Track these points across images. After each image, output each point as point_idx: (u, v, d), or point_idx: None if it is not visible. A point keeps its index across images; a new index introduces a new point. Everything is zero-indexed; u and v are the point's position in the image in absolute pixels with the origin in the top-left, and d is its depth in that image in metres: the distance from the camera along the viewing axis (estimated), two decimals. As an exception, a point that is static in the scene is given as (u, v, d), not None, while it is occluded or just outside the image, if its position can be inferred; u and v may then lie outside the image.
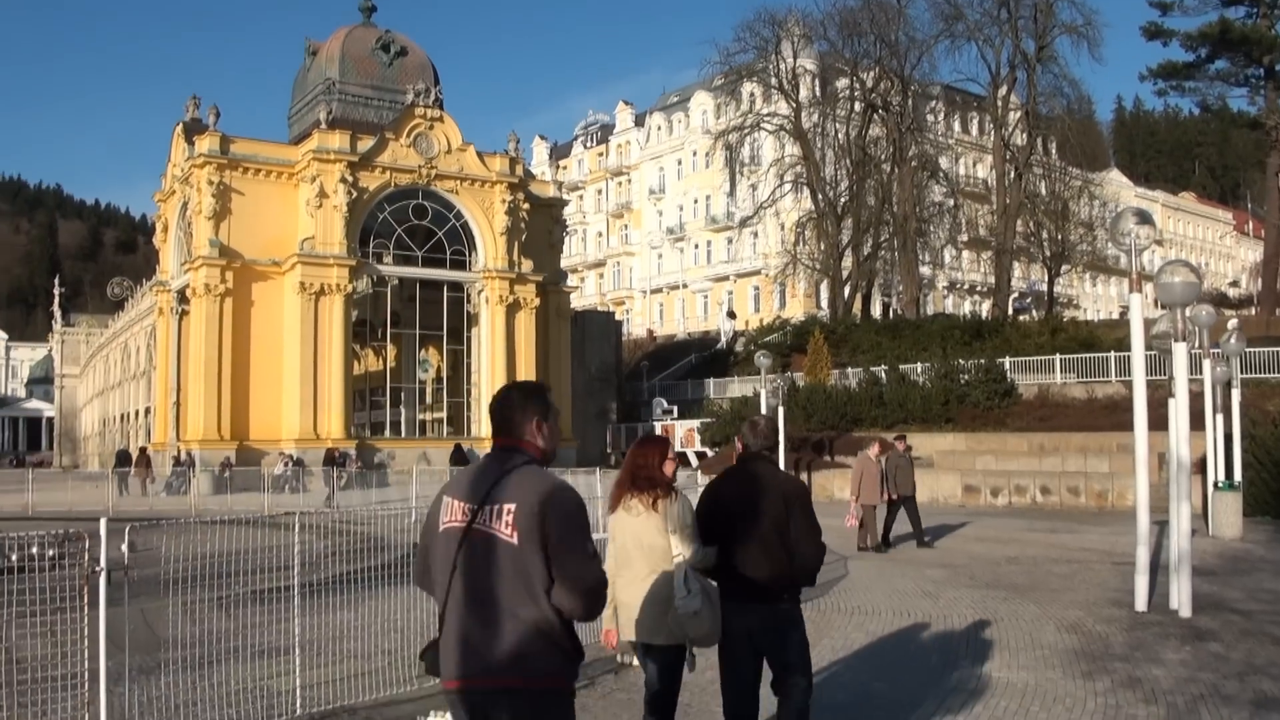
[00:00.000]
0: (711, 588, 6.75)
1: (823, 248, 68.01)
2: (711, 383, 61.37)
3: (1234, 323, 31.55)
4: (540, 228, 58.60)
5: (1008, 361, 43.21)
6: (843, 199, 66.78)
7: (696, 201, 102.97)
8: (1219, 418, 23.78)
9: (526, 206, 56.58)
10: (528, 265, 55.74)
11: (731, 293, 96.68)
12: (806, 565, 6.95)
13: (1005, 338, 50.59)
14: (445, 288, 55.11)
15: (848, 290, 67.61)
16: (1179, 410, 14.95)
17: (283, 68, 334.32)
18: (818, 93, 74.24)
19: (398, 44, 61.53)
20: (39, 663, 7.75)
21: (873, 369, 46.41)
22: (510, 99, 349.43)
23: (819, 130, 67.44)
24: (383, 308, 54.51)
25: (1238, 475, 24.19)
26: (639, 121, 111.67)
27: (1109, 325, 60.83)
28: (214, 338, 49.86)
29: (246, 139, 52.80)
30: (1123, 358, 39.00)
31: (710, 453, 46.70)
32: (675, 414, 58.01)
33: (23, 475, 43.91)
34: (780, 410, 32.26)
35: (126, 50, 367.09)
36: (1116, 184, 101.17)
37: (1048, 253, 68.94)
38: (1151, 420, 14.43)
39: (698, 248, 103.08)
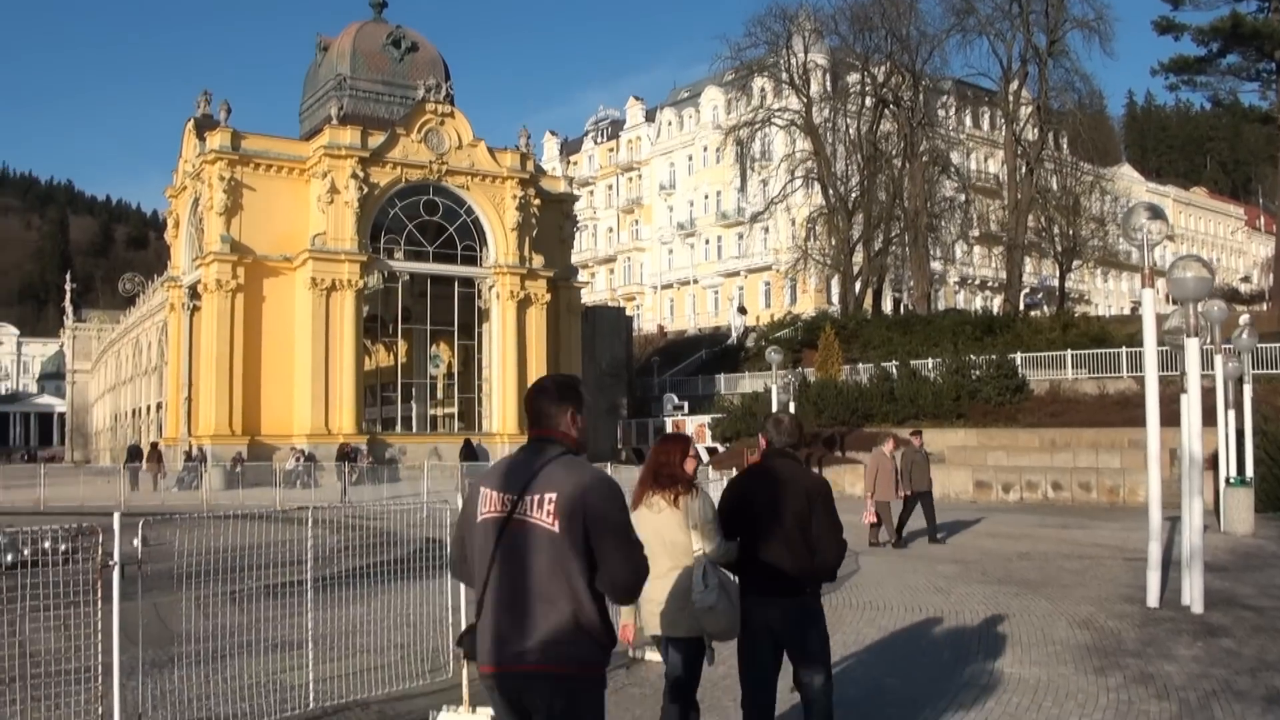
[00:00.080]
0: (730, 583, 6.80)
1: (834, 243, 67.94)
2: (722, 378, 61.31)
3: (1245, 318, 31.41)
4: (551, 223, 58.59)
5: (1019, 357, 43.12)
6: (854, 194, 66.73)
7: (707, 197, 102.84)
8: (1231, 413, 23.73)
9: (537, 202, 56.59)
10: (539, 261, 55.72)
11: (742, 288, 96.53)
12: (827, 562, 7.04)
13: (1016, 333, 50.52)
14: (456, 283, 55.11)
15: (859, 286, 67.58)
16: (1191, 406, 14.92)
17: (294, 63, 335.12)
18: (829, 87, 74.12)
19: (408, 40, 61.53)
20: (52, 656, 7.77)
21: (884, 364, 46.34)
22: (521, 94, 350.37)
23: (830, 125, 67.37)
24: (394, 303, 54.53)
25: (1249, 471, 24.11)
26: (649, 117, 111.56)
27: (1120, 321, 60.69)
28: (225, 333, 49.97)
29: (258, 135, 52.90)
30: (1134, 353, 38.98)
31: (721, 448, 46.65)
32: (686, 409, 57.97)
33: (34, 470, 44.03)
34: (791, 405, 32.24)
35: (138, 47, 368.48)
36: (1128, 179, 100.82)
37: (1059, 248, 68.84)
38: (1163, 416, 14.39)
39: (708, 243, 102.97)
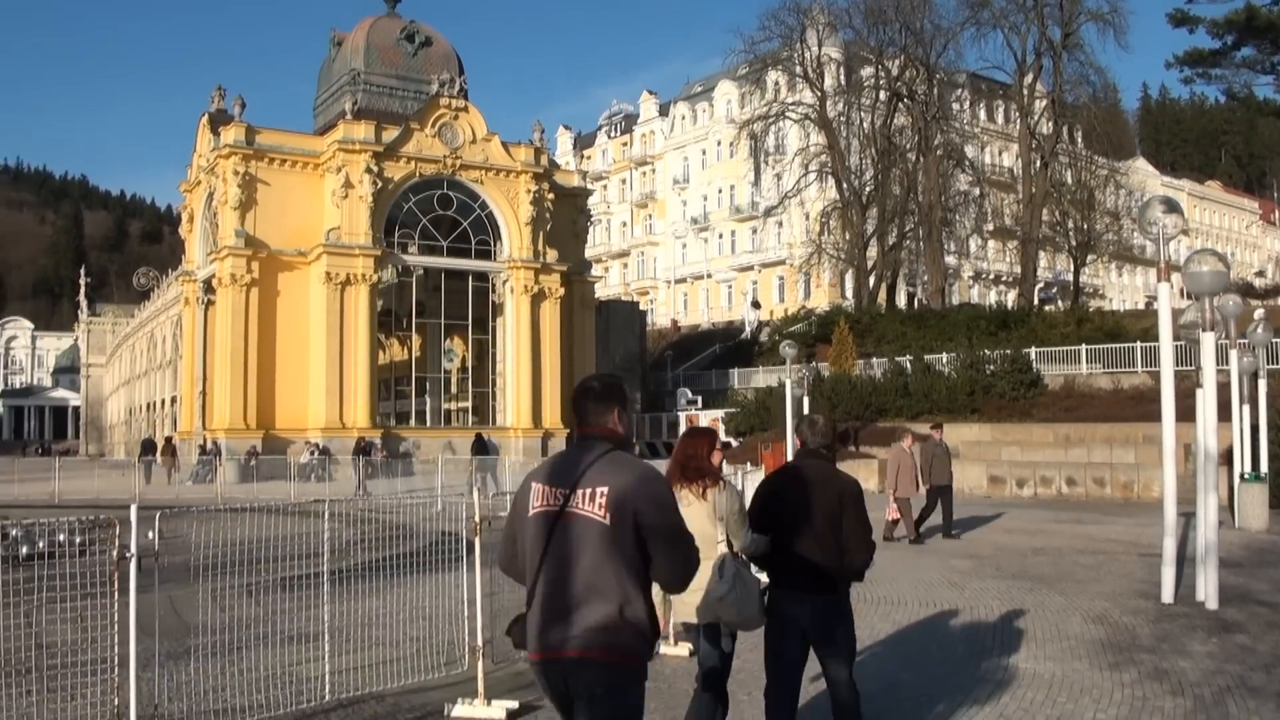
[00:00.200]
0: (748, 576, 6.88)
1: (847, 237, 67.85)
2: (736, 373, 61.33)
3: (1260, 313, 31.43)
4: (565, 218, 58.61)
5: (1033, 352, 43.07)
6: (868, 188, 66.62)
7: (721, 191, 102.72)
8: (1245, 408, 23.68)
9: (551, 196, 56.58)
10: (552, 255, 55.74)
11: (756, 283, 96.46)
12: (856, 563, 7.17)
13: (1031, 328, 50.46)
14: (470, 278, 55.16)
15: (873, 280, 67.47)
16: (1206, 401, 14.88)
17: (308, 58, 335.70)
18: (843, 81, 74.08)
19: (422, 34, 61.60)
20: (68, 648, 7.80)
21: (898, 359, 46.28)
22: (535, 89, 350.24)
23: (844, 119, 67.30)
24: (408, 298, 54.67)
25: (1264, 466, 24.06)
26: (663, 111, 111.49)
27: (1135, 315, 60.53)
28: (240, 327, 50.11)
29: (272, 129, 53.00)
30: (1149, 348, 38.89)
31: (734, 443, 46.60)
32: (699, 404, 58.00)
33: (49, 464, 44.19)
34: (805, 400, 32.19)
35: (151, 42, 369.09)
36: (1142, 173, 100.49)
37: (1073, 242, 68.56)
38: (1178, 411, 14.36)
39: (722, 237, 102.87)
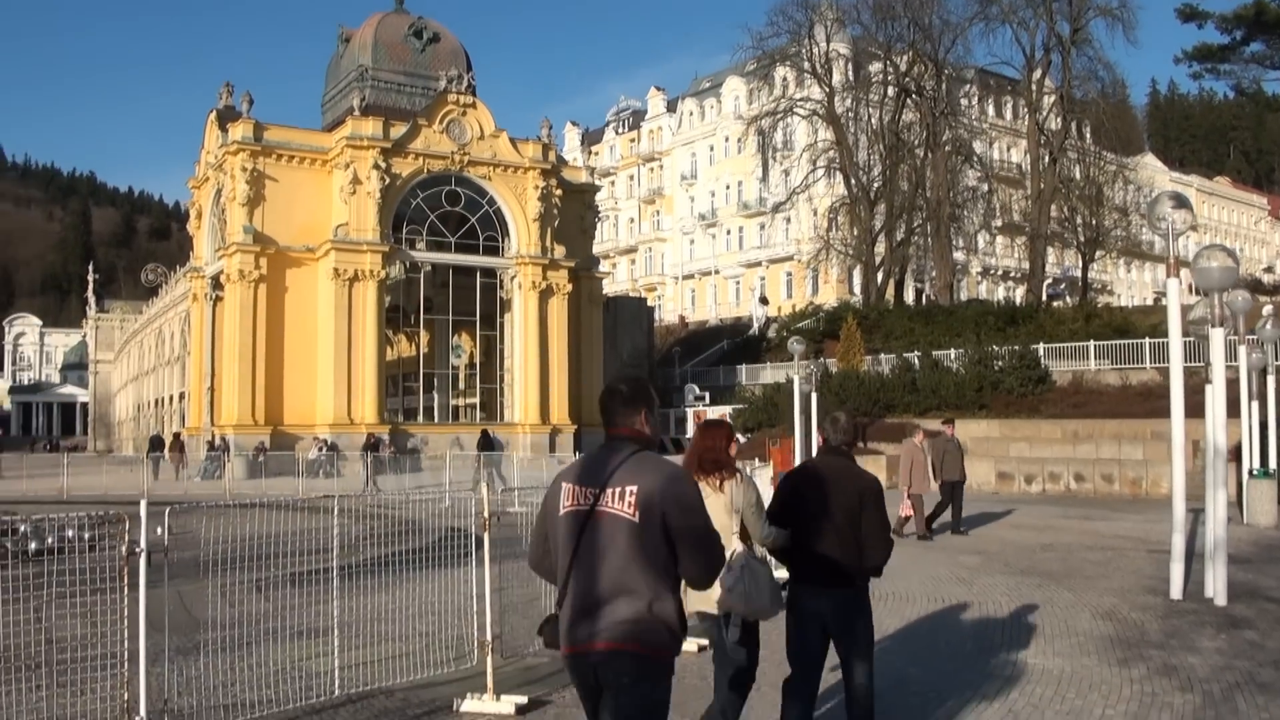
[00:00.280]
0: (758, 568, 6.91)
1: (855, 233, 67.79)
2: (744, 369, 61.30)
3: (1269, 309, 31.20)
4: (572, 213, 58.63)
5: (1041, 348, 42.96)
6: (876, 184, 66.54)
7: (729, 187, 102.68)
8: (1255, 405, 23.63)
9: (559, 192, 56.60)
10: (560, 251, 55.78)
11: (764, 278, 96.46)
12: (875, 560, 7.32)
13: (1039, 324, 50.30)
14: (478, 273, 55.21)
15: (881, 276, 67.38)
16: (1216, 397, 14.82)
17: (315, 55, 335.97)
18: (851, 77, 74.00)
19: (430, 30, 61.62)
20: (78, 643, 7.82)
21: (906, 355, 46.22)
22: (542, 85, 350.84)
23: (852, 115, 67.19)
24: (416, 294, 54.72)
25: (1273, 463, 24.00)
26: (671, 107, 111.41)
27: (1143, 311, 60.44)
28: (248, 323, 50.17)
29: (280, 126, 53.06)
30: (1157, 344, 38.82)
31: (742, 439, 46.56)
32: (707, 400, 57.98)
33: (57, 459, 44.25)
34: (813, 396, 32.17)
35: (159, 39, 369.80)
36: (1151, 169, 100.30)
37: (1082, 238, 68.49)
38: (1187, 407, 14.34)
39: (730, 233, 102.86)
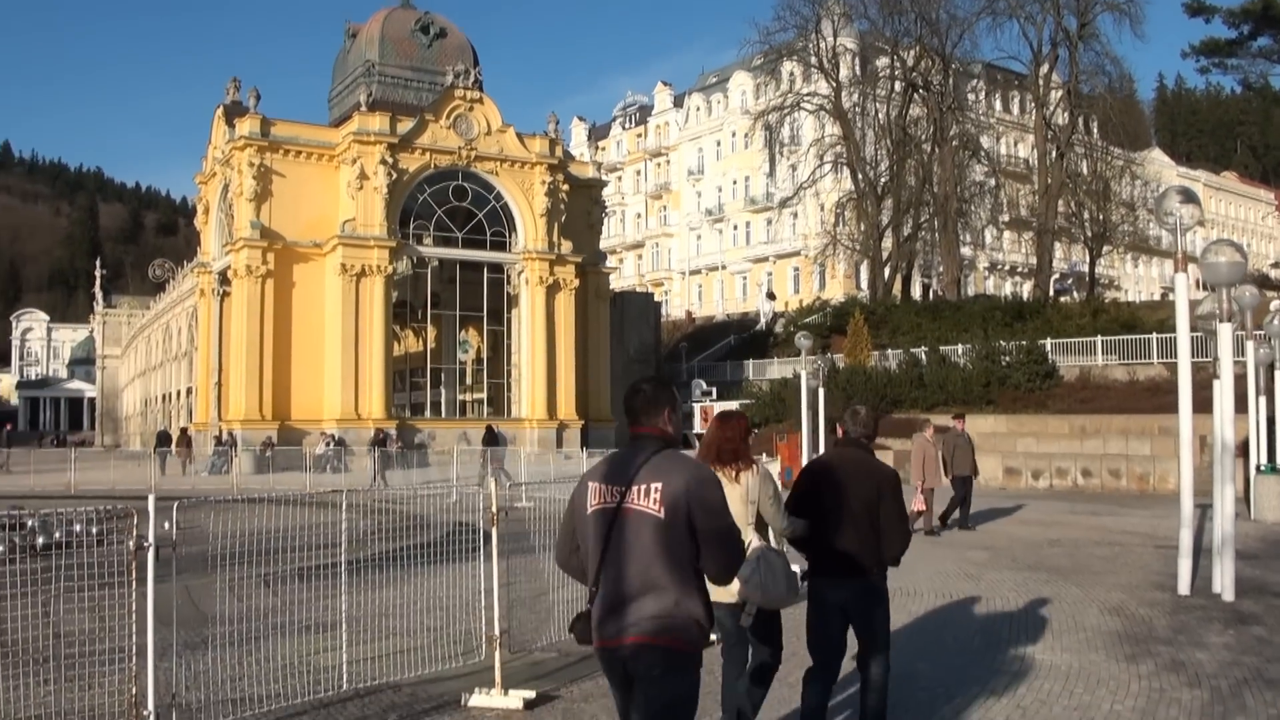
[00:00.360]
0: (773, 558, 6.93)
1: (863, 228, 67.75)
2: (751, 364, 61.26)
3: (1277, 304, 31.15)
4: (579, 209, 58.57)
5: (1049, 343, 42.97)
6: (883, 179, 66.48)
7: (735, 182, 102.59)
8: (1262, 400, 23.59)
9: (566, 188, 56.55)
10: (567, 246, 55.74)
11: (771, 274, 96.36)
12: (892, 549, 7.47)
13: (1046, 319, 50.27)
14: (485, 269, 55.18)
15: (888, 271, 67.35)
16: (1224, 392, 14.80)
17: (323, 50, 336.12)
18: (858, 72, 73.91)
19: (437, 25, 61.61)
20: (85, 637, 7.82)
21: (913, 350, 46.25)
22: (549, 80, 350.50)
23: (859, 110, 67.11)
24: (423, 289, 54.68)
25: (1281, 458, 23.98)
26: (678, 102, 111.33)
27: (1150, 307, 60.35)
28: (255, 319, 50.18)
29: (287, 121, 53.04)
30: (1165, 339, 38.79)
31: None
32: (714, 395, 57.95)
33: (65, 454, 44.31)
34: (820, 392, 32.13)
35: (166, 35, 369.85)
36: (1158, 163, 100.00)
37: (1089, 233, 68.42)
38: (1194, 402, 14.32)
39: (737, 229, 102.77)
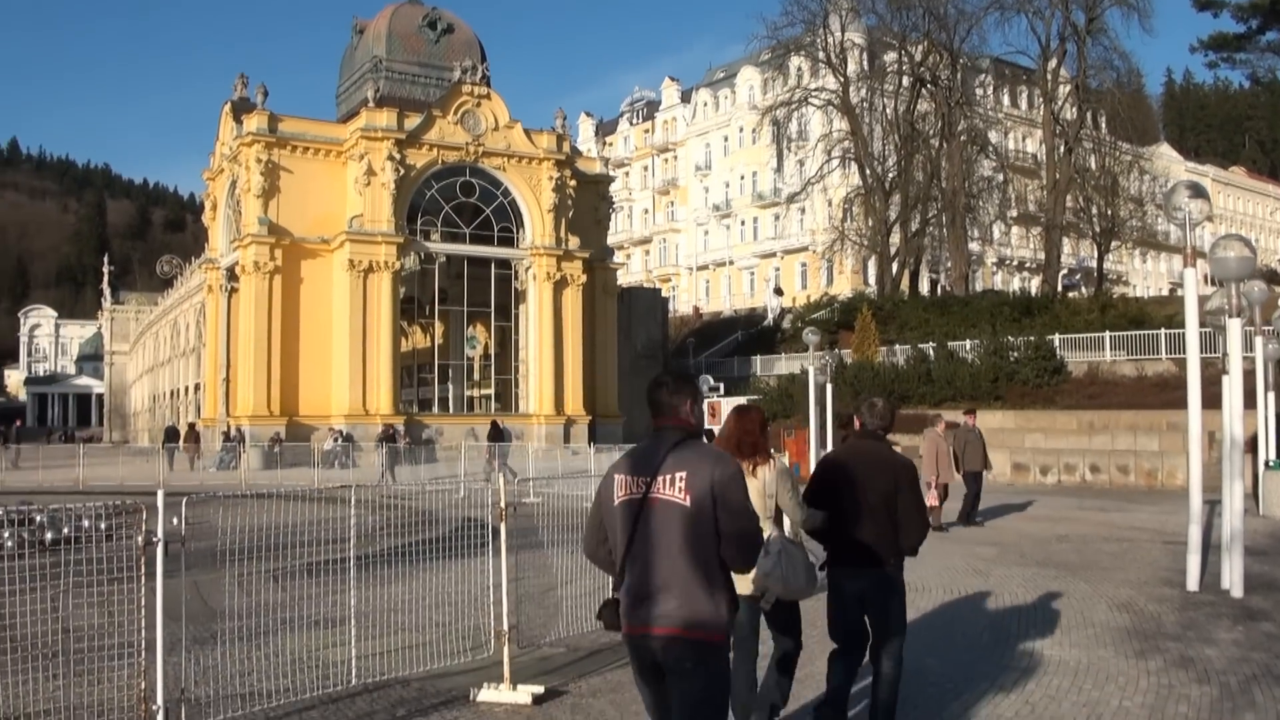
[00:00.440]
0: (794, 551, 7.10)
1: (870, 224, 67.67)
2: (758, 360, 61.17)
3: (1287, 299, 31.12)
4: (587, 204, 58.55)
5: (1057, 339, 42.92)
6: (891, 174, 66.39)
7: (743, 178, 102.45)
8: (1271, 396, 23.54)
9: (573, 183, 56.53)
10: (574, 242, 55.71)
11: (778, 269, 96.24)
12: (911, 539, 7.60)
13: (1054, 315, 50.24)
14: (493, 264, 55.16)
15: (895, 266, 67.26)
16: (1233, 387, 14.76)
17: (330, 46, 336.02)
18: (866, 67, 73.74)
19: (444, 21, 61.55)
20: (94, 632, 7.84)
21: (921, 346, 46.22)
22: (556, 76, 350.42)
23: (867, 105, 66.98)
24: (430, 285, 54.70)
25: (1290, 454, 23.92)
26: (685, 98, 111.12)
27: (1159, 302, 60.29)
28: (263, 314, 50.21)
29: (294, 117, 53.07)
30: (1173, 335, 38.75)
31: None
32: (722, 391, 57.81)
33: (73, 450, 44.39)
34: (828, 387, 32.13)
35: (173, 31, 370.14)
36: (1166, 159, 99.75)
37: (1097, 228, 68.32)
38: (1203, 398, 14.30)
39: (744, 224, 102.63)
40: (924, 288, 74.09)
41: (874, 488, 7.47)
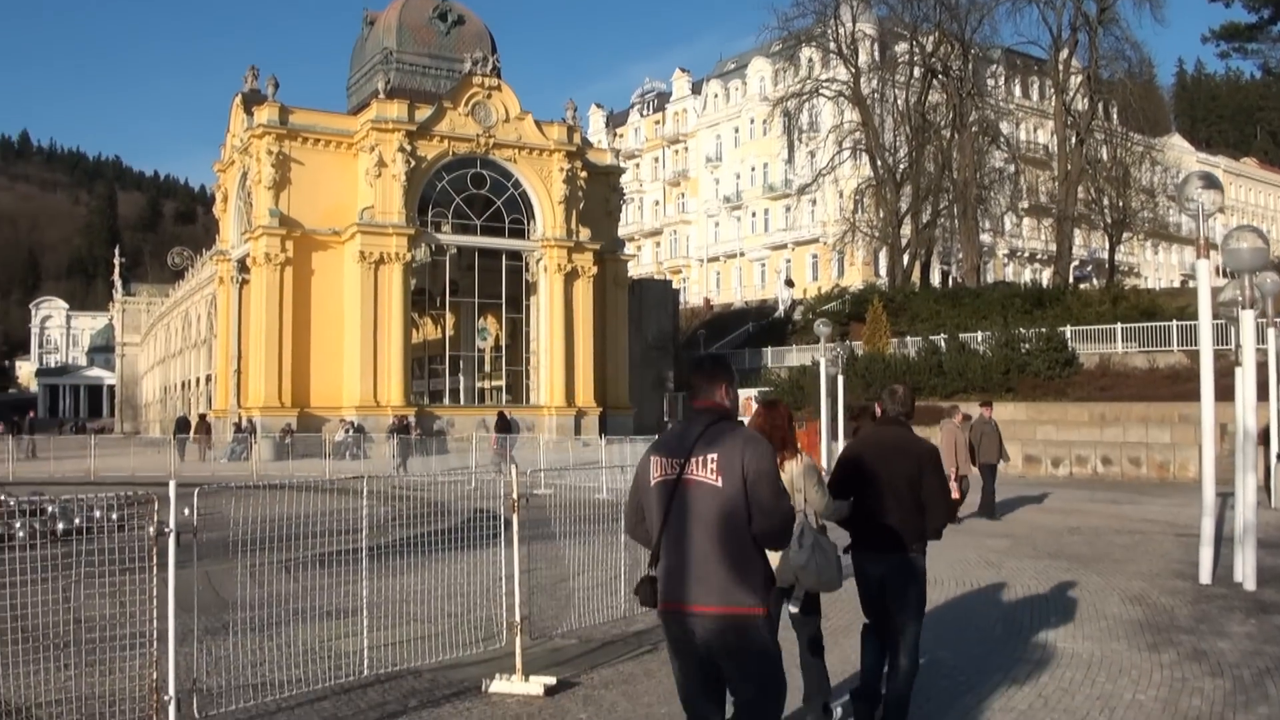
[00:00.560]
0: (826, 543, 7.19)
1: (881, 215, 67.46)
2: (769, 351, 61.09)
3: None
4: (597, 196, 58.55)
5: (1068, 330, 42.77)
6: (902, 165, 66.14)
7: (754, 169, 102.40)
8: (1283, 388, 23.44)
9: (584, 175, 56.52)
10: (585, 234, 55.72)
11: (789, 261, 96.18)
12: (936, 522, 7.76)
13: (1066, 306, 50.04)
14: (503, 256, 55.21)
15: (907, 258, 67.08)
16: (1246, 379, 14.72)
17: (341, 38, 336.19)
18: (877, 57, 73.56)
19: (455, 13, 61.56)
20: (106, 623, 7.85)
21: (932, 338, 46.09)
22: (567, 68, 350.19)
23: (878, 96, 66.73)
24: (441, 276, 54.75)
25: (1301, 446, 23.81)
26: (696, 89, 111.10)
27: (1170, 294, 60.10)
28: (274, 306, 50.31)
29: (305, 109, 53.13)
30: (1185, 327, 38.58)
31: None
32: (733, 382, 57.77)
33: (85, 441, 44.50)
34: (839, 379, 32.08)
35: (184, 24, 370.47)
36: (1178, 149, 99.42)
37: (1109, 220, 68.15)
38: (1215, 390, 14.25)
39: (755, 216, 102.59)
40: (935, 279, 73.84)
41: (898, 472, 7.62)
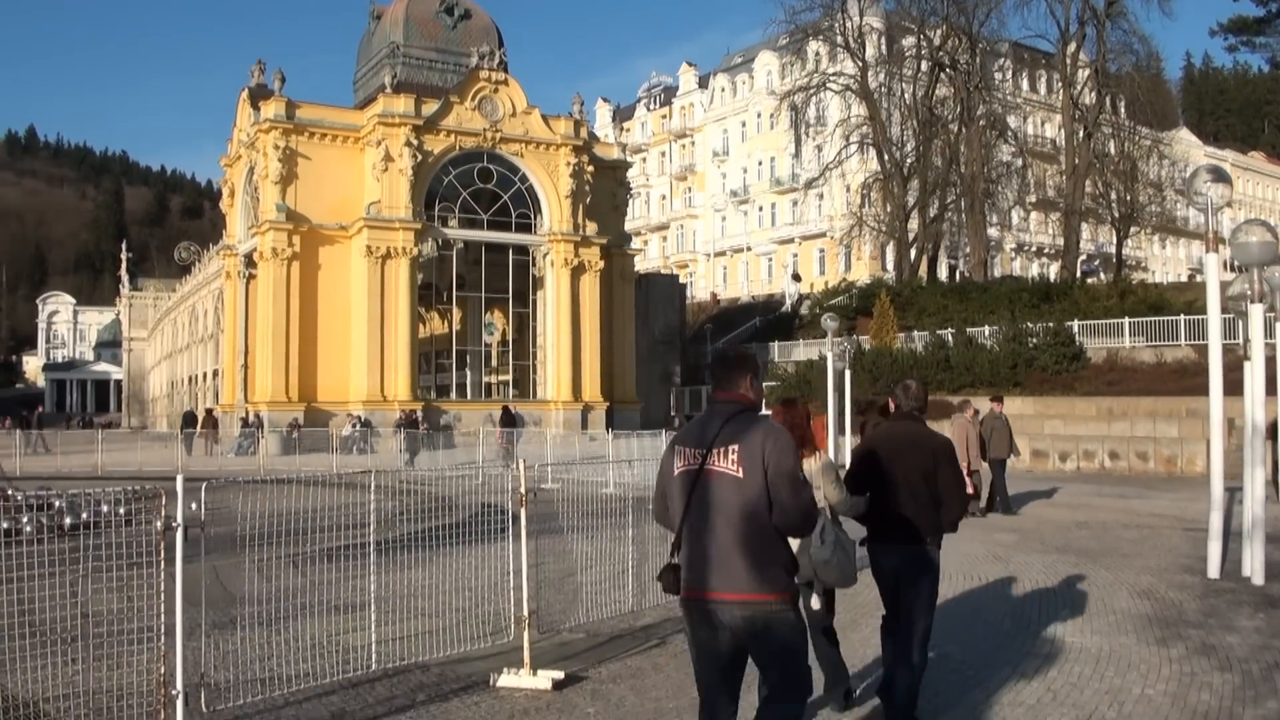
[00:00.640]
0: (846, 540, 7.42)
1: (889, 209, 67.33)
2: (776, 346, 60.99)
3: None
4: (604, 190, 58.52)
5: (1076, 325, 42.72)
6: (909, 159, 66.00)
7: (761, 163, 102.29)
8: (1291, 382, 23.38)
9: (591, 169, 56.51)
10: (592, 228, 55.71)
11: (796, 255, 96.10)
12: (951, 515, 7.82)
13: (1073, 300, 49.98)
14: (510, 251, 55.22)
15: (914, 252, 66.96)
16: (1255, 373, 14.68)
17: (347, 33, 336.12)
18: (884, 51, 73.38)
19: (461, 7, 61.49)
20: (113, 617, 7.85)
21: (939, 332, 46.04)
22: (574, 61, 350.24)
23: (885, 90, 66.60)
24: (448, 271, 54.74)
25: (1311, 441, 23.76)
26: (702, 83, 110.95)
27: (1178, 288, 60.01)
28: (281, 301, 50.34)
29: (312, 104, 53.15)
30: (1193, 321, 38.52)
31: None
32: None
33: (92, 436, 44.52)
34: (847, 374, 32.07)
35: (190, 18, 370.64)
36: (1185, 143, 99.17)
37: (1116, 214, 67.95)
38: (1224, 384, 14.23)
39: (762, 210, 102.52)
40: (942, 274, 73.81)
41: (913, 466, 7.70)
